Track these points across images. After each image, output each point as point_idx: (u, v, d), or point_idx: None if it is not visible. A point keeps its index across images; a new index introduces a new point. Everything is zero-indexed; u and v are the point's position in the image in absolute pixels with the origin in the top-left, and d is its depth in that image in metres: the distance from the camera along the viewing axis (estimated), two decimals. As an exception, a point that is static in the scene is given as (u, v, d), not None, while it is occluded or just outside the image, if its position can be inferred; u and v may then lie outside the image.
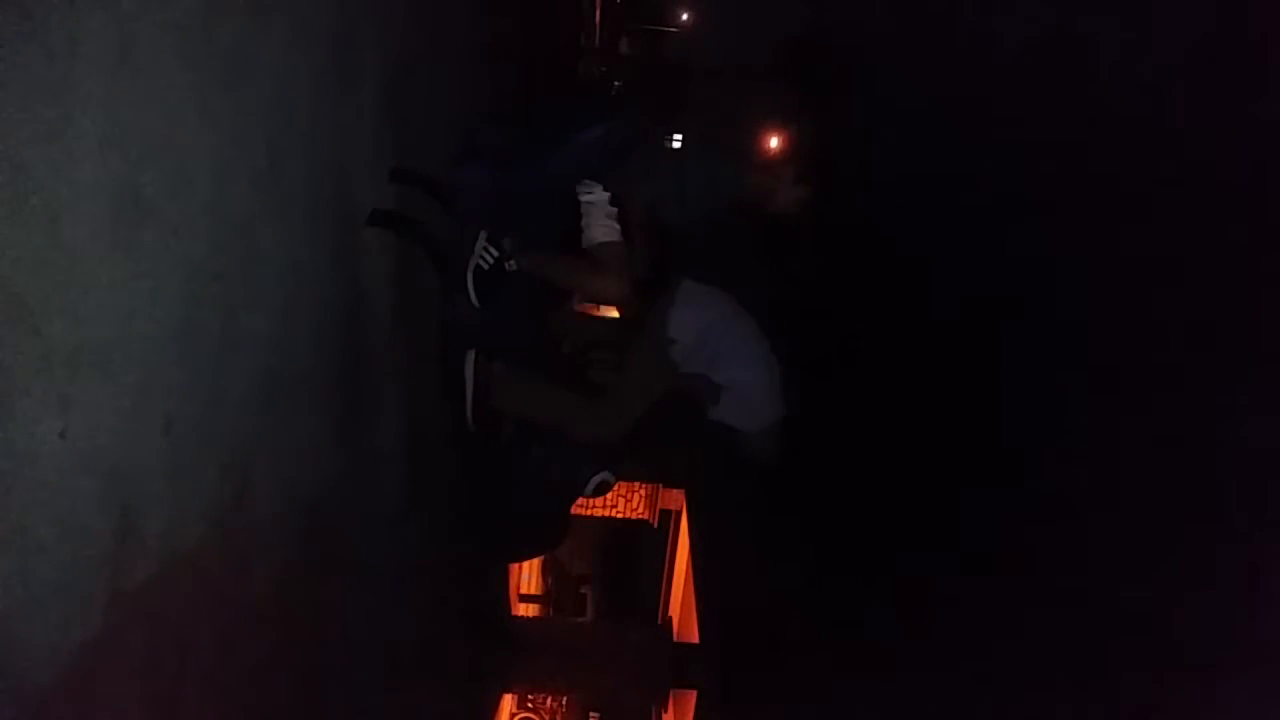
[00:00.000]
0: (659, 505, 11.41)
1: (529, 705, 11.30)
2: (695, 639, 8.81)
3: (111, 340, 1.36)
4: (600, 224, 2.82)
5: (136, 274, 1.42)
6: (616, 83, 24.55)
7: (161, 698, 1.58)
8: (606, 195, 2.81)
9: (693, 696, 8.25)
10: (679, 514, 11.23)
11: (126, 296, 1.40)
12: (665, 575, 12.04)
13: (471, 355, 3.05)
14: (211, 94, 1.63)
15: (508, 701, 10.42)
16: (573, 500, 3.52)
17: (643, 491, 11.26)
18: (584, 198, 2.84)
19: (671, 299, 3.06)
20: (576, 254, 2.90)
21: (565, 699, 12.01)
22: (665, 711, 9.29)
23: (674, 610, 11.33)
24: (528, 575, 12.19)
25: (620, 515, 11.46)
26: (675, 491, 10.94)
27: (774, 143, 3.11)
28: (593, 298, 2.98)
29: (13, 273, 1.14)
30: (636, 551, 15.90)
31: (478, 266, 2.86)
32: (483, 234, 2.86)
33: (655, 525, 11.77)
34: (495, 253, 2.86)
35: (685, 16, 27.82)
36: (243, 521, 1.88)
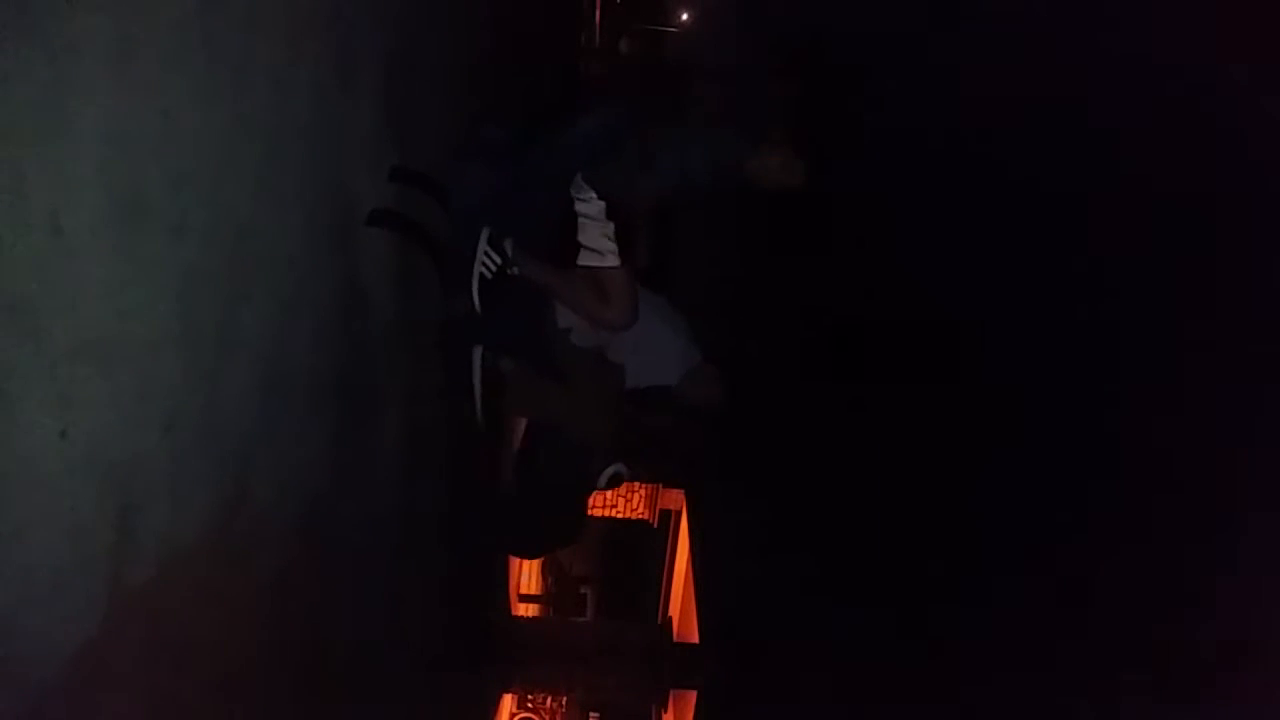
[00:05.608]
0: (659, 505, 11.42)
1: (529, 705, 11.30)
2: (695, 639, 8.82)
3: (111, 340, 1.36)
4: (600, 244, 2.84)
5: (136, 274, 1.42)
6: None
7: (161, 698, 1.58)
8: (602, 205, 2.82)
9: (693, 696, 8.25)
10: (679, 514, 11.24)
11: (126, 296, 1.40)
12: (665, 575, 12.05)
13: (479, 353, 3.06)
14: (211, 94, 1.64)
15: (508, 701, 10.42)
16: (588, 493, 3.53)
17: (643, 491, 11.27)
18: (579, 208, 2.85)
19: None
20: (573, 268, 2.91)
21: (565, 699, 12.01)
22: (665, 711, 9.29)
23: (674, 610, 11.33)
24: (528, 575, 12.19)
25: (620, 515, 11.47)
26: (675, 491, 10.95)
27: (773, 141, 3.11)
28: (593, 321, 2.99)
29: (13, 272, 1.14)
30: (636, 551, 15.89)
31: (481, 275, 2.87)
32: (484, 235, 2.86)
33: (655, 525, 11.78)
34: (498, 260, 2.86)
35: (685, 16, 27.79)
36: (242, 521, 1.88)
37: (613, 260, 2.85)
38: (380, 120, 2.76)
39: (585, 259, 2.88)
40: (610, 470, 3.20)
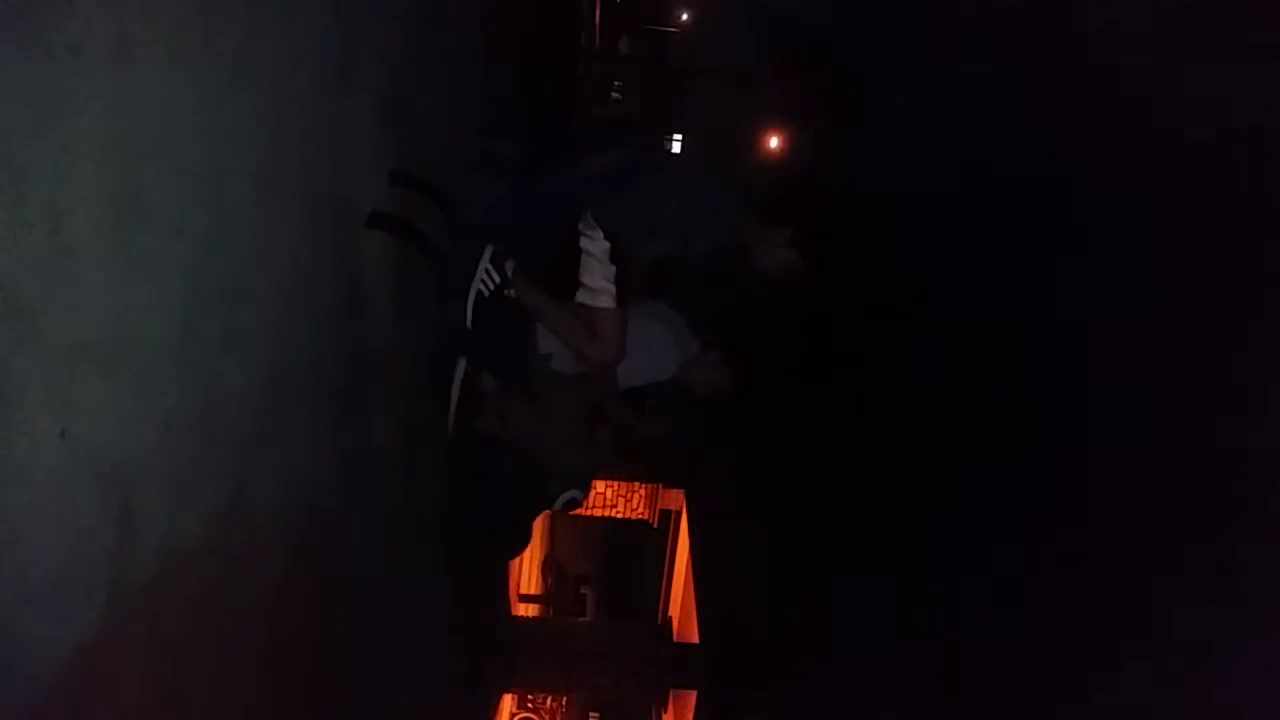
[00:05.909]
0: (659, 505, 11.41)
1: (529, 705, 11.31)
2: (695, 639, 8.82)
3: (111, 340, 1.36)
4: (600, 285, 2.83)
5: (136, 274, 1.42)
6: (617, 83, 24.57)
7: (161, 698, 1.58)
8: (607, 246, 2.81)
9: (693, 696, 8.26)
10: (679, 514, 11.24)
11: (126, 296, 1.40)
12: (665, 575, 12.05)
13: (463, 363, 3.07)
14: (211, 94, 1.64)
15: (508, 701, 10.42)
16: (537, 513, 3.54)
17: (643, 491, 11.26)
18: (584, 244, 2.84)
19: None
20: (569, 298, 2.92)
21: (565, 699, 12.01)
22: (665, 711, 9.30)
23: (674, 610, 11.34)
24: (528, 575, 12.19)
25: (620, 515, 11.47)
26: (675, 491, 10.95)
27: (774, 143, 3.10)
28: (578, 354, 2.99)
29: (13, 272, 1.14)
30: (636, 551, 15.89)
31: (479, 292, 2.87)
32: (487, 253, 2.87)
33: (655, 525, 11.77)
34: (497, 279, 2.87)
35: (685, 16, 27.78)
36: (242, 521, 1.88)
37: (608, 301, 2.85)
38: (380, 120, 2.77)
39: (582, 296, 2.88)
40: (566, 495, 3.21)
